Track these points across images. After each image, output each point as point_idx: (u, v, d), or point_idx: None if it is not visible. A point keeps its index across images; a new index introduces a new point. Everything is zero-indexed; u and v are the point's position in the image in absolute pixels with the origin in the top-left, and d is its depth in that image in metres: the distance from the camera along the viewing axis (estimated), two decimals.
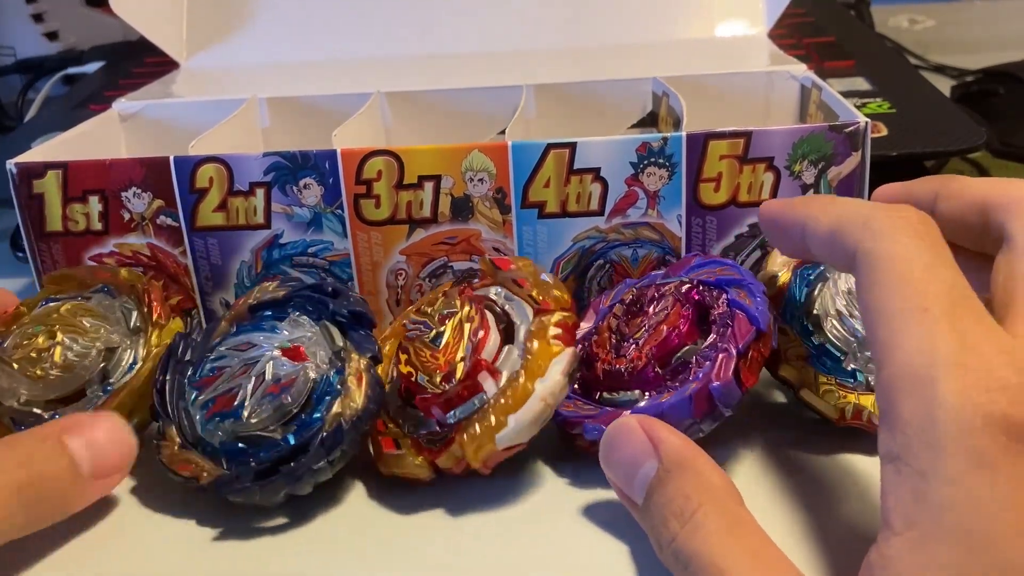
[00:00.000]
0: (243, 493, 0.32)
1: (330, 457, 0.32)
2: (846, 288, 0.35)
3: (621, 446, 0.30)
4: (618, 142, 0.38)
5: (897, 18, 0.92)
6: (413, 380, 0.33)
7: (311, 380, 0.33)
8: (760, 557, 0.26)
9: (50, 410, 0.35)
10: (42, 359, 0.35)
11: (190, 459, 0.33)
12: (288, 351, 0.33)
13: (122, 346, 0.36)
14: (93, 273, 0.38)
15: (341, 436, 0.32)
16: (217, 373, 0.34)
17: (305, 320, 0.35)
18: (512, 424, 0.31)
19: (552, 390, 0.32)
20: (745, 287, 0.34)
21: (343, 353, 0.34)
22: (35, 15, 0.78)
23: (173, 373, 0.35)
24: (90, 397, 0.35)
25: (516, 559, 0.31)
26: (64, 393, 0.35)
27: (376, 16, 0.58)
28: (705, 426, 0.32)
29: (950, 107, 0.50)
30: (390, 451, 0.33)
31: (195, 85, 0.55)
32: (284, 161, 0.38)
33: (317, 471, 0.32)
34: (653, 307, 0.35)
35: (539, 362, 0.32)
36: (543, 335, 0.33)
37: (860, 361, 0.34)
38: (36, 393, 0.35)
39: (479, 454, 0.31)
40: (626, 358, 0.34)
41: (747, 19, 0.57)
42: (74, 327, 0.36)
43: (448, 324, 0.34)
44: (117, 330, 0.37)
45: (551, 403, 0.32)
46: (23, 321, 0.37)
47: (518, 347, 0.33)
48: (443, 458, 0.32)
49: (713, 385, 0.31)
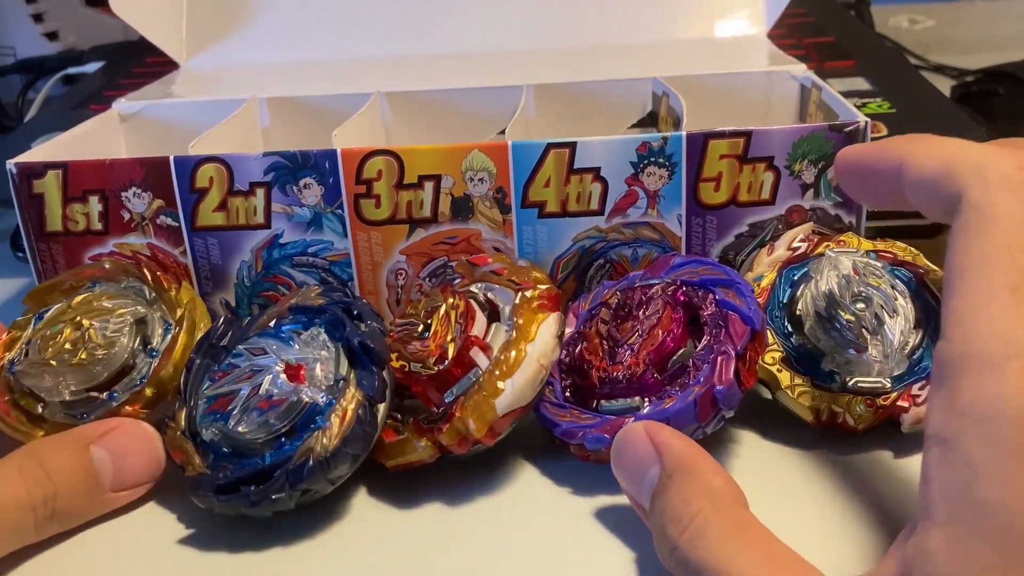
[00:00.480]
0: (205, 501, 0.32)
1: (292, 490, 0.31)
2: (826, 289, 0.35)
3: (628, 452, 0.30)
4: (618, 142, 0.38)
5: (897, 18, 0.92)
6: (406, 371, 0.33)
7: (303, 404, 0.32)
8: (772, 558, 0.25)
9: (105, 390, 0.35)
10: (79, 347, 0.35)
11: (184, 447, 0.33)
12: (290, 369, 0.33)
13: (149, 314, 0.37)
14: (79, 274, 0.39)
15: (303, 473, 0.31)
16: (230, 370, 0.34)
17: (323, 337, 0.34)
18: (509, 388, 0.31)
19: (543, 351, 0.32)
20: (734, 287, 0.34)
21: (342, 384, 0.33)
22: (35, 15, 0.78)
23: (204, 356, 0.35)
24: (139, 366, 0.36)
25: (512, 554, 0.31)
26: (112, 370, 0.35)
27: (376, 16, 0.58)
28: (709, 428, 0.32)
29: (950, 107, 0.50)
30: (392, 439, 0.33)
31: (195, 85, 0.55)
32: (284, 161, 0.38)
33: (277, 501, 0.31)
34: (643, 311, 0.34)
35: (528, 328, 0.33)
36: (528, 307, 0.33)
37: (838, 363, 0.34)
38: (84, 379, 0.35)
39: (482, 423, 0.31)
40: (623, 364, 0.33)
41: (747, 19, 0.57)
42: (97, 311, 0.36)
43: (434, 317, 0.34)
44: (139, 302, 0.37)
45: (544, 364, 0.32)
46: (24, 336, 0.37)
47: (505, 323, 0.33)
48: (446, 434, 0.32)
49: (717, 388, 0.31)
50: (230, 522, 0.32)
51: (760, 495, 0.32)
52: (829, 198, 0.38)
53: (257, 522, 0.32)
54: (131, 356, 0.36)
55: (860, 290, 0.35)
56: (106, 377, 0.35)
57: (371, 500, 0.34)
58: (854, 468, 0.33)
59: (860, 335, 0.34)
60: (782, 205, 0.38)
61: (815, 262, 0.36)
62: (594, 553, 0.31)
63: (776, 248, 0.38)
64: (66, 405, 0.35)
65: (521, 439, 0.35)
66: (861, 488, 0.32)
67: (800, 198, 0.38)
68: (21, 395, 0.35)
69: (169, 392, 0.35)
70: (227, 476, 0.32)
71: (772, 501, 0.32)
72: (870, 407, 0.33)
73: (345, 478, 0.32)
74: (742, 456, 0.34)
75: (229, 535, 0.32)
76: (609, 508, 0.32)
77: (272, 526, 0.32)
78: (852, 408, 0.33)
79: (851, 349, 0.34)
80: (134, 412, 0.35)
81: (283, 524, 0.33)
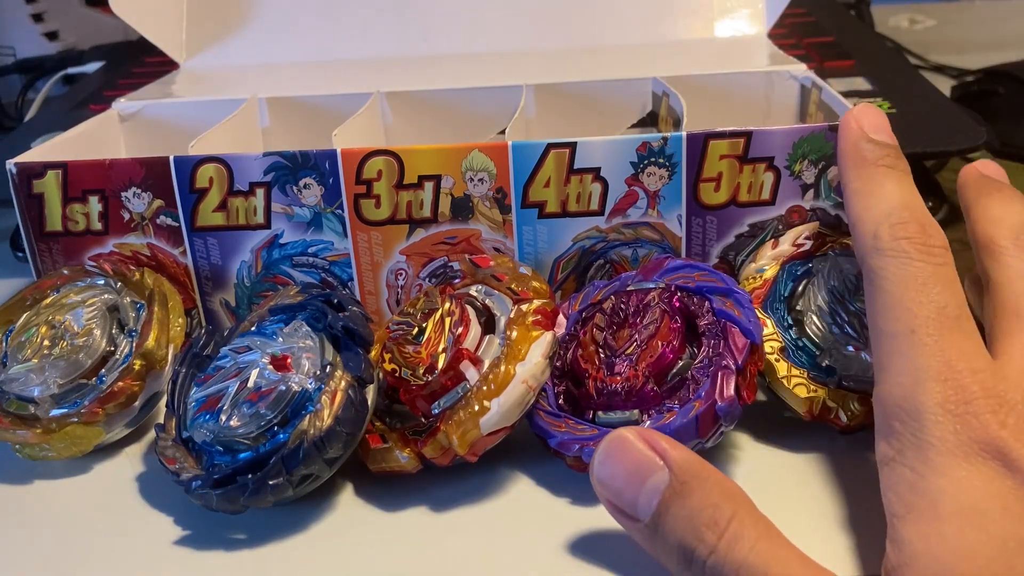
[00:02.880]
0: (203, 498, 0.32)
1: (290, 475, 0.31)
2: (830, 286, 0.35)
3: (618, 460, 0.28)
4: (618, 142, 0.38)
5: (897, 18, 0.92)
6: (397, 376, 0.33)
7: (292, 392, 0.32)
8: (806, 563, 0.26)
9: (92, 377, 0.36)
10: (57, 340, 0.36)
11: (177, 454, 0.33)
12: (276, 360, 0.33)
13: (119, 300, 0.38)
14: (38, 287, 0.39)
15: (299, 456, 0.31)
16: (216, 372, 0.34)
17: (306, 328, 0.34)
18: (495, 408, 0.31)
19: (533, 372, 0.32)
20: (732, 296, 0.33)
21: (329, 368, 0.33)
22: (35, 15, 0.78)
23: (188, 366, 0.35)
24: (120, 347, 0.36)
25: (499, 556, 0.31)
26: (94, 358, 0.36)
27: (376, 16, 0.58)
28: (709, 443, 0.32)
29: (950, 107, 0.50)
30: (377, 446, 0.33)
31: (195, 85, 0.54)
32: (284, 161, 0.38)
33: (276, 487, 0.31)
34: (640, 318, 0.34)
35: (519, 347, 0.32)
36: (523, 321, 0.33)
37: (836, 359, 0.34)
38: (69, 370, 0.36)
39: (465, 441, 0.31)
40: (620, 376, 0.33)
41: (747, 19, 0.57)
42: (68, 306, 0.37)
43: (429, 321, 0.34)
44: (106, 291, 0.38)
45: (533, 386, 0.32)
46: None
47: (499, 336, 0.33)
48: (429, 447, 0.32)
49: (719, 405, 0.31)
50: (226, 524, 0.32)
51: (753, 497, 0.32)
52: (829, 198, 0.38)
53: (256, 522, 0.32)
54: (110, 341, 0.36)
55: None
56: (90, 365, 0.36)
57: (360, 501, 0.34)
58: (846, 469, 0.33)
59: (860, 333, 0.34)
60: (782, 205, 0.38)
61: (819, 260, 0.36)
62: (573, 545, 0.31)
63: (781, 243, 0.38)
64: (56, 398, 0.35)
65: (515, 443, 0.35)
66: (853, 489, 0.32)
67: (800, 198, 0.38)
68: (9, 402, 0.36)
69: (157, 362, 0.36)
70: (223, 470, 0.32)
71: (766, 503, 0.32)
72: (864, 405, 0.33)
73: (342, 460, 0.32)
74: (735, 459, 0.34)
75: (213, 531, 0.32)
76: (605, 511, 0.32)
77: (272, 527, 0.32)
78: (846, 404, 0.33)
79: (850, 346, 0.34)
80: (127, 386, 0.35)
81: (283, 525, 0.33)
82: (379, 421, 0.34)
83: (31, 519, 0.34)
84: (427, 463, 0.33)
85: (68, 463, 0.36)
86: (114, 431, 0.36)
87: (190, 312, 0.41)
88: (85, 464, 0.36)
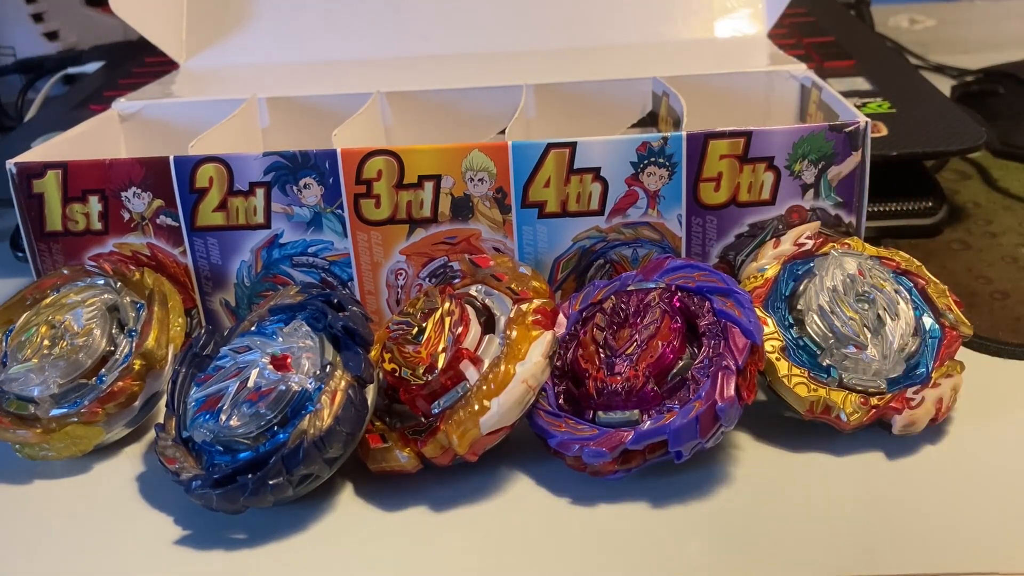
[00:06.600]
0: (203, 498, 0.32)
1: (290, 475, 0.31)
2: (831, 285, 0.35)
3: None
4: (618, 142, 0.38)
5: (897, 18, 0.92)
6: (397, 376, 0.33)
7: (292, 392, 0.32)
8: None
9: (92, 377, 0.36)
10: (57, 340, 0.36)
11: (177, 454, 0.33)
12: (276, 360, 0.33)
13: (119, 300, 0.38)
14: (38, 287, 0.39)
15: (299, 456, 0.31)
16: (216, 372, 0.34)
17: (306, 328, 0.34)
18: (495, 408, 0.31)
19: (533, 372, 0.32)
20: (732, 296, 0.33)
21: (329, 368, 0.33)
22: (35, 15, 0.78)
23: (188, 366, 0.35)
24: (120, 347, 0.36)
25: (499, 555, 0.31)
26: (94, 358, 0.36)
27: (376, 16, 0.58)
28: (709, 444, 0.32)
29: (950, 107, 0.50)
30: (377, 446, 0.33)
31: (194, 85, 0.54)
32: (284, 161, 0.38)
33: (276, 487, 0.31)
34: (640, 318, 0.34)
35: (519, 346, 0.32)
36: (522, 321, 0.33)
37: (836, 358, 0.34)
38: (69, 370, 0.36)
39: (464, 440, 0.31)
40: (621, 376, 0.33)
41: (747, 19, 0.57)
42: (67, 306, 0.37)
43: (429, 320, 0.34)
44: (106, 291, 0.38)
45: (533, 385, 0.32)
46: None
47: (499, 336, 0.33)
48: (429, 447, 0.32)
49: (719, 406, 0.31)
50: (226, 524, 0.32)
51: (753, 497, 0.32)
52: (829, 198, 0.38)
53: (256, 522, 0.32)
54: (110, 341, 0.36)
55: (864, 290, 0.35)
56: (90, 365, 0.36)
57: (360, 501, 0.34)
58: (846, 469, 0.33)
59: (861, 333, 0.34)
60: (782, 205, 0.38)
61: (820, 260, 0.36)
62: (573, 541, 0.31)
63: (782, 242, 0.38)
64: (56, 398, 0.35)
65: (515, 443, 0.35)
66: (853, 489, 0.32)
67: (800, 198, 0.38)
68: (9, 402, 0.36)
69: (157, 362, 0.36)
70: (223, 470, 0.32)
71: (766, 503, 0.32)
72: (864, 405, 0.33)
73: (342, 460, 0.32)
74: (735, 459, 0.34)
75: (226, 536, 0.32)
76: (607, 512, 0.32)
77: (272, 527, 0.32)
78: (846, 404, 0.33)
79: (851, 346, 0.34)
80: (127, 386, 0.35)
81: (283, 525, 0.33)
82: (379, 421, 0.34)
83: (31, 519, 0.34)
84: (427, 463, 0.33)
85: (68, 463, 0.36)
86: (114, 431, 0.36)
87: (190, 312, 0.41)
88: (85, 464, 0.36)
